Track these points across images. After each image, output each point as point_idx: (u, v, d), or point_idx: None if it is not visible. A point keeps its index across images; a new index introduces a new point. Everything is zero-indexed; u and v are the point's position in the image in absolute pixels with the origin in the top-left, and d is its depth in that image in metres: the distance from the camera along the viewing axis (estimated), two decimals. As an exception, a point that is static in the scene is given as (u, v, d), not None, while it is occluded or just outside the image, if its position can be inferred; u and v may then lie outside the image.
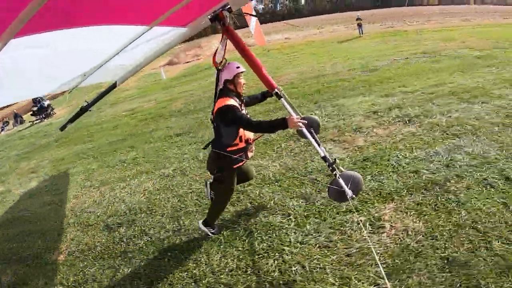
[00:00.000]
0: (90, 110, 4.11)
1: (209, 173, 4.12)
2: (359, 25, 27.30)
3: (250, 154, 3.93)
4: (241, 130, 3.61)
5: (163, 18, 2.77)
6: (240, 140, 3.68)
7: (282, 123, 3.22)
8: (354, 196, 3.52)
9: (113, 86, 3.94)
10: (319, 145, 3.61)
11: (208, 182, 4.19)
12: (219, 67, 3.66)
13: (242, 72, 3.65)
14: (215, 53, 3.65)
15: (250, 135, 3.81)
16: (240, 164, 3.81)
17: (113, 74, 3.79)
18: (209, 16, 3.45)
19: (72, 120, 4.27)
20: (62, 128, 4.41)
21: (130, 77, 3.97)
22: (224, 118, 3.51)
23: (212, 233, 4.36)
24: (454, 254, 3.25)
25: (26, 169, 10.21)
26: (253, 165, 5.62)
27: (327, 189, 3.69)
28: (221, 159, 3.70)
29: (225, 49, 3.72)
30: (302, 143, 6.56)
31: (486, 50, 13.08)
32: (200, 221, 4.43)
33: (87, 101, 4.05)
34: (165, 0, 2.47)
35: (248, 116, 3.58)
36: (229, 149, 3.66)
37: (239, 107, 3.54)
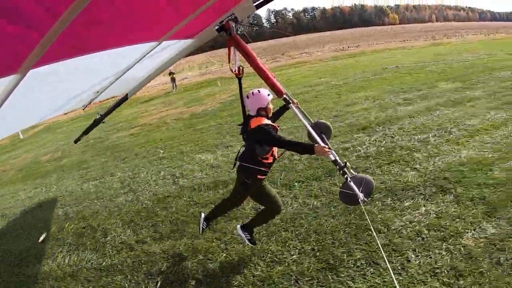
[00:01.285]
0: (103, 122, 4.22)
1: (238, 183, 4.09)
2: (173, 80, 24.57)
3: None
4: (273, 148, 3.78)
5: (171, 32, 2.84)
6: (271, 155, 3.82)
7: (309, 149, 3.35)
8: (365, 199, 3.52)
9: (125, 98, 4.03)
10: (329, 149, 3.64)
11: (203, 214, 4.37)
12: (240, 76, 3.85)
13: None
14: (231, 62, 3.74)
15: (277, 153, 3.94)
16: (264, 176, 3.89)
17: (125, 87, 3.88)
18: (216, 27, 3.51)
19: (86, 132, 4.40)
20: (77, 140, 4.55)
21: (139, 90, 4.06)
22: (261, 136, 3.63)
23: (249, 241, 4.30)
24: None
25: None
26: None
27: (339, 193, 3.71)
28: (249, 172, 3.81)
29: (235, 57, 3.80)
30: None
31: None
32: (239, 226, 4.37)
33: (100, 114, 4.16)
34: (173, 17, 2.54)
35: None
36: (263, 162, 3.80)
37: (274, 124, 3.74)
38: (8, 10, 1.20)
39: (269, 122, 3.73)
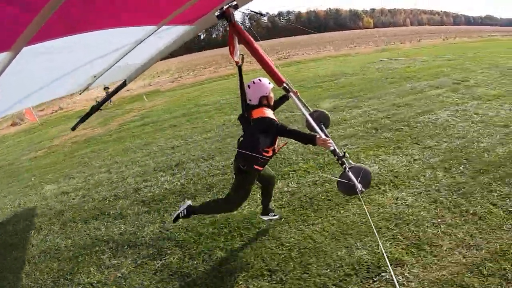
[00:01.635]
0: (100, 110, 4.18)
1: (233, 171, 4.18)
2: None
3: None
4: (276, 138, 3.82)
5: (171, 17, 2.79)
6: (272, 149, 3.87)
7: (311, 140, 3.48)
8: (363, 189, 3.52)
9: (123, 85, 3.99)
10: (328, 137, 3.62)
11: (264, 216, 4.55)
12: (240, 64, 3.79)
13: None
14: (232, 51, 3.70)
15: (277, 147, 3.98)
16: (261, 168, 3.91)
17: (122, 73, 3.83)
18: (216, 13, 3.46)
19: (83, 119, 4.35)
20: (74, 128, 4.52)
21: (137, 76, 4.02)
22: (264, 127, 3.71)
23: (184, 217, 4.29)
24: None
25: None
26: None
27: (336, 182, 3.70)
28: (248, 160, 3.80)
29: (236, 45, 3.76)
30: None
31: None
32: (183, 209, 4.30)
33: (97, 101, 4.12)
34: (173, 1, 2.49)
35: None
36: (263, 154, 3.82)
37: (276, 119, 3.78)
38: None
39: (271, 115, 3.78)
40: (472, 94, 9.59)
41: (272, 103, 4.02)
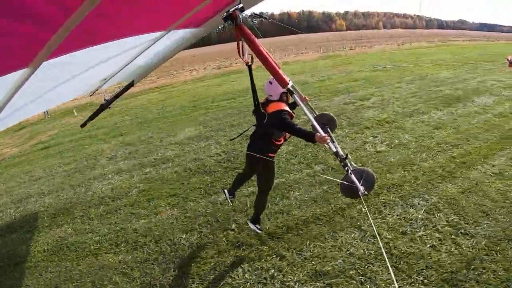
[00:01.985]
0: (109, 108, 4.27)
1: (248, 164, 4.62)
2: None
3: None
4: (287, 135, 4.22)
5: (179, 22, 2.85)
6: (284, 138, 4.27)
7: (311, 137, 3.61)
8: (366, 192, 3.58)
9: (131, 84, 4.06)
10: (332, 141, 3.68)
11: (226, 190, 5.00)
12: (250, 64, 4.00)
13: None
14: (240, 52, 3.79)
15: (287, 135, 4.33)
16: (274, 154, 4.26)
17: (131, 73, 3.90)
18: (222, 16, 3.50)
19: (92, 117, 4.44)
20: (83, 125, 4.61)
21: (145, 76, 4.09)
22: (278, 121, 3.96)
23: (259, 229, 4.77)
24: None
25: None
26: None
27: (339, 185, 3.77)
28: (264, 150, 4.14)
29: (242, 46, 3.84)
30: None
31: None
32: (249, 221, 4.83)
33: (106, 99, 4.20)
34: (182, 7, 2.55)
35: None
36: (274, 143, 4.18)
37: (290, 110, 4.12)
38: (19, 10, 1.23)
39: (287, 108, 4.09)
40: (350, 120, 9.27)
41: (291, 100, 4.26)
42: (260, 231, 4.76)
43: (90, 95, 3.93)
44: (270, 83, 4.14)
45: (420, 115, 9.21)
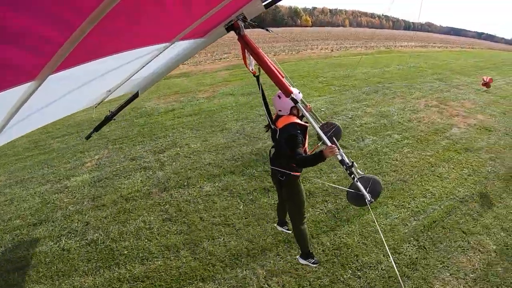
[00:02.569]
0: (114, 120, 4.29)
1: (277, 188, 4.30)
2: None
3: None
4: (304, 143, 3.81)
5: (183, 34, 2.87)
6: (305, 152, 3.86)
7: (319, 156, 3.37)
8: (373, 200, 3.55)
9: (136, 95, 4.08)
10: (338, 149, 3.66)
11: (276, 225, 4.92)
12: (257, 74, 3.85)
13: None
14: (246, 62, 3.76)
15: (308, 149, 4.01)
16: (298, 173, 3.94)
17: (136, 84, 3.93)
18: (225, 26, 3.52)
19: (97, 129, 4.47)
20: (88, 137, 4.64)
21: (150, 87, 4.11)
22: (288, 142, 3.68)
23: (314, 263, 4.48)
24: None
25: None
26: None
27: (346, 193, 3.75)
28: (284, 171, 3.88)
29: (251, 57, 3.81)
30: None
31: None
32: (298, 257, 4.54)
33: (110, 111, 4.23)
34: (186, 19, 2.57)
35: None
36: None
37: (301, 123, 3.83)
38: (25, 30, 1.24)
39: (298, 121, 3.79)
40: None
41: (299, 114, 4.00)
42: (315, 264, 4.48)
43: (96, 107, 3.94)
44: (279, 97, 3.88)
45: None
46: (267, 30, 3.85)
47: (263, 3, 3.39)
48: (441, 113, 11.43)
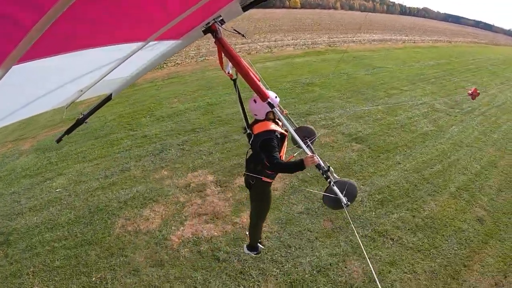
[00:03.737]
0: (86, 123, 4.15)
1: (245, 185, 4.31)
2: None
3: None
4: (282, 151, 3.88)
5: (158, 33, 2.82)
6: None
7: (299, 165, 3.38)
8: (349, 203, 3.57)
9: (108, 98, 3.97)
10: (313, 153, 3.67)
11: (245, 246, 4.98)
12: (234, 78, 3.81)
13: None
14: (222, 65, 3.73)
15: (284, 156, 4.06)
16: (270, 180, 4.01)
17: (108, 86, 3.82)
18: (202, 29, 3.49)
19: (68, 132, 4.31)
20: (58, 140, 4.46)
21: (122, 90, 4.01)
22: (262, 146, 3.70)
23: (256, 254, 4.85)
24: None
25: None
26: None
27: (322, 197, 3.75)
28: (258, 174, 3.94)
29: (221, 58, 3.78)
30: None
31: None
32: (245, 246, 4.91)
33: (82, 113, 4.09)
34: (162, 17, 2.52)
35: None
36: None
37: (279, 131, 3.83)
38: None
39: (276, 128, 3.79)
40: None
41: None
42: (255, 254, 4.90)
43: (66, 108, 3.79)
44: (255, 101, 3.88)
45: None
46: (243, 36, 3.84)
47: (241, 6, 3.38)
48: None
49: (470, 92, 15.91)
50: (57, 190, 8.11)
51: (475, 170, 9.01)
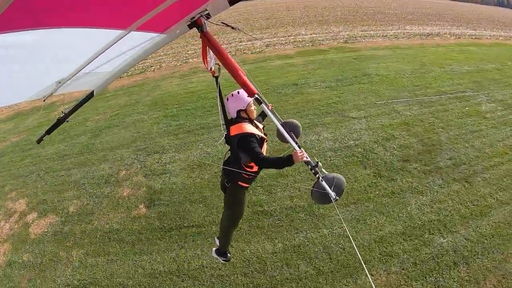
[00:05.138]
0: (67, 121, 4.03)
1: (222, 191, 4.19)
2: None
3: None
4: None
5: (140, 22, 2.74)
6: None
7: (288, 161, 3.35)
8: (337, 198, 3.51)
9: (91, 95, 3.86)
10: (299, 147, 3.60)
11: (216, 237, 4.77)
12: (216, 75, 3.66)
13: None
14: (205, 60, 3.64)
15: None
16: (246, 185, 3.93)
17: (90, 82, 3.71)
18: (187, 23, 3.43)
19: (49, 131, 4.18)
20: (39, 140, 4.34)
21: (107, 86, 3.91)
22: (241, 145, 3.63)
23: (224, 260, 4.65)
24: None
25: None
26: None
27: (310, 192, 3.69)
28: (231, 177, 3.84)
29: (210, 55, 3.70)
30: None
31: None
32: (213, 249, 4.70)
33: (63, 112, 3.97)
34: (143, 3, 2.45)
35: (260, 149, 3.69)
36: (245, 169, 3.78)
37: (256, 133, 3.72)
38: None
39: (253, 131, 3.69)
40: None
41: (254, 117, 3.94)
42: (224, 261, 4.71)
43: (44, 100, 3.64)
44: (227, 99, 3.83)
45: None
46: (232, 27, 3.79)
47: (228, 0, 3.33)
48: None
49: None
50: None
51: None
